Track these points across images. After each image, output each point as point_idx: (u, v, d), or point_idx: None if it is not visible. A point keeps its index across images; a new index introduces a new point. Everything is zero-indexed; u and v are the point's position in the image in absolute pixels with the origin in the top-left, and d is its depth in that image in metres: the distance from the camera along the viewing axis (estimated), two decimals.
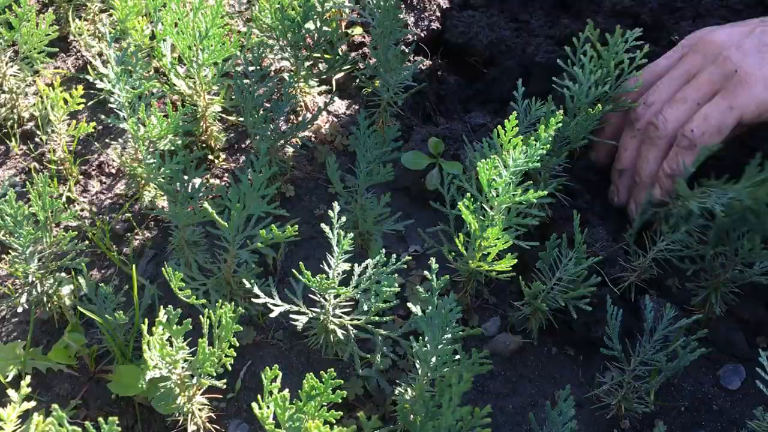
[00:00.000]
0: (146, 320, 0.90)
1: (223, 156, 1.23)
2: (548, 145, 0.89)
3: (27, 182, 1.16)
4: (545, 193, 0.92)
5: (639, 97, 1.07)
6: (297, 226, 0.88)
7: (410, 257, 0.95)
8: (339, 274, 0.87)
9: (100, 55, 1.33)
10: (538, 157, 0.88)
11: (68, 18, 1.33)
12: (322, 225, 0.89)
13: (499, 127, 0.91)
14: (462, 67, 1.37)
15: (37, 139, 1.21)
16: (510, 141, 0.91)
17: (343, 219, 0.88)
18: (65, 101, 1.09)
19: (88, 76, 1.26)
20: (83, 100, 1.10)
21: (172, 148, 1.08)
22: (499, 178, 0.87)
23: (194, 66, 1.07)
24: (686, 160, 0.98)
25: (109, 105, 1.06)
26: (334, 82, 1.29)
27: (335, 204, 0.88)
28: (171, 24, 1.03)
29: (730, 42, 1.02)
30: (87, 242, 1.11)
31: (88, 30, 1.33)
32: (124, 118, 1.01)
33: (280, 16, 1.09)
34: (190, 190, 0.99)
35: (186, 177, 0.99)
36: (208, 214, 0.89)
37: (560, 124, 0.89)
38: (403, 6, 1.34)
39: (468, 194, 0.97)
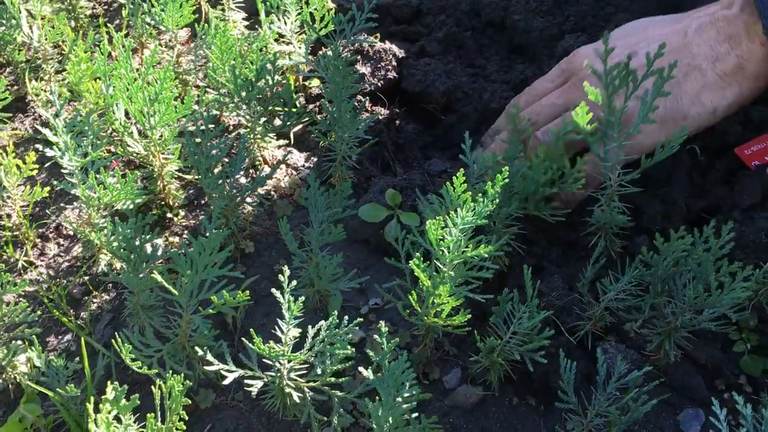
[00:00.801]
0: (96, 392, 0.89)
1: (182, 213, 1.23)
2: (496, 200, 0.89)
3: None
4: (496, 248, 0.93)
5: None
6: (248, 292, 0.88)
7: (362, 319, 0.95)
8: (292, 338, 0.87)
9: (57, 115, 1.33)
10: (487, 213, 0.89)
11: (25, 79, 1.34)
12: (273, 290, 0.89)
13: (448, 183, 0.92)
14: (420, 114, 1.38)
15: None
16: (459, 197, 0.92)
17: (294, 283, 0.88)
18: (18, 168, 1.09)
19: (42, 138, 1.26)
20: (36, 167, 1.09)
21: (127, 209, 1.08)
22: (449, 236, 0.87)
23: (148, 128, 1.07)
24: None
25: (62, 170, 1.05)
26: (292, 135, 1.30)
27: (285, 268, 0.88)
28: (122, 89, 1.03)
29: None
30: (43, 307, 1.10)
31: (44, 90, 1.33)
32: (75, 185, 1.01)
33: (232, 76, 1.10)
34: (147, 252, 0.99)
35: (139, 242, 0.98)
36: (158, 282, 0.88)
37: (507, 180, 0.90)
38: (359, 58, 1.36)
39: (421, 250, 0.98)
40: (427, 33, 1.47)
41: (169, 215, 1.21)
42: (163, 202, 1.22)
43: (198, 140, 1.08)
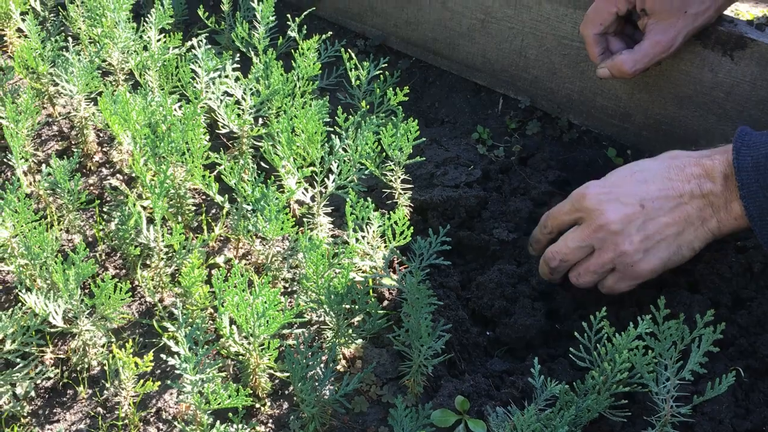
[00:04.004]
0: None
1: (268, 403, 1.36)
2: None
3: (90, 429, 1.30)
4: None
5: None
6: None
7: None
8: None
9: (161, 301, 1.50)
10: None
11: (136, 269, 1.52)
12: None
13: (518, 413, 1.05)
14: (480, 315, 1.53)
15: (103, 390, 1.36)
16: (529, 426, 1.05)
17: None
18: (136, 364, 1.24)
19: (147, 323, 1.42)
20: (151, 364, 1.25)
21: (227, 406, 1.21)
22: None
23: (251, 336, 1.23)
24: None
25: (175, 370, 1.20)
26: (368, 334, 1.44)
27: None
28: (232, 304, 1.20)
29: (622, 232, 1.34)
30: None
31: (152, 279, 1.51)
32: (189, 390, 1.16)
33: (327, 292, 1.27)
34: None
35: None
36: None
37: (573, 415, 1.03)
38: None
39: None
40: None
41: (257, 405, 1.35)
42: (252, 392, 1.36)
43: (291, 342, 1.23)
